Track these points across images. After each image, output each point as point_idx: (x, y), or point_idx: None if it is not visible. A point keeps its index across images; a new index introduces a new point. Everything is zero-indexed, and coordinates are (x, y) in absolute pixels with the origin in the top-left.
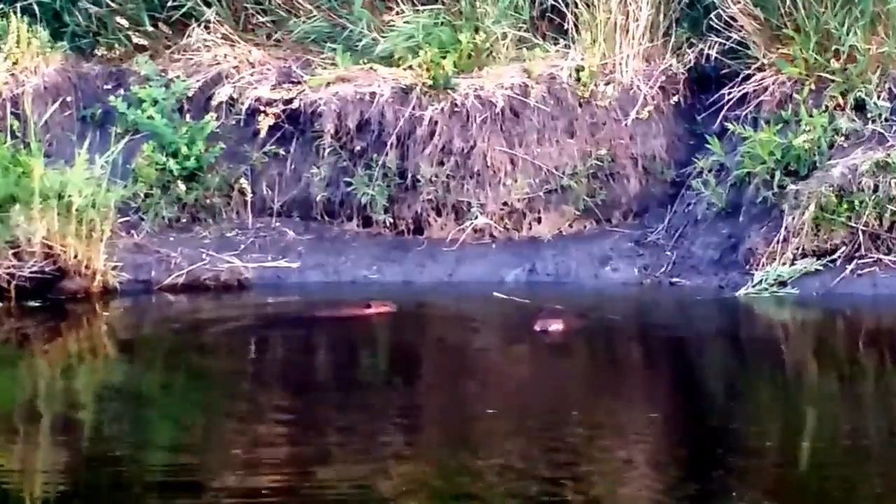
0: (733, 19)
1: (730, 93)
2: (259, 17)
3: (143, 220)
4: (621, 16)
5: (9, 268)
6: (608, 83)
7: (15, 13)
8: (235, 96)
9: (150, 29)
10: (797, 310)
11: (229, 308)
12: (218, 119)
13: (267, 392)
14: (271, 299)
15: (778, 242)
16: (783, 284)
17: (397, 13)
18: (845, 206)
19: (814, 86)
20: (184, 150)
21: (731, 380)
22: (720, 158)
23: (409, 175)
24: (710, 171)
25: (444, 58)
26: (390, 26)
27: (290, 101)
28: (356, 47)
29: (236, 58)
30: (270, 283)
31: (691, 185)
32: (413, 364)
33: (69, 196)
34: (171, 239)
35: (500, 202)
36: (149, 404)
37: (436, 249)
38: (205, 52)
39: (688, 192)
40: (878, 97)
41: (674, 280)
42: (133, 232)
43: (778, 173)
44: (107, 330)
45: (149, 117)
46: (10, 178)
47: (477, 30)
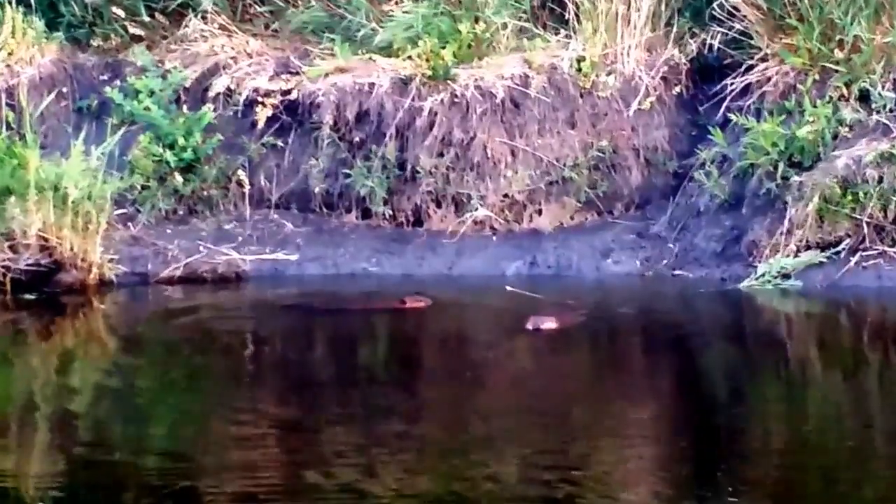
0: (736, 9)
1: (733, 83)
2: (256, 6)
3: (139, 212)
4: (623, 5)
5: (4, 260)
6: (610, 73)
7: (10, 3)
8: (233, 87)
9: (146, 19)
10: (801, 302)
11: (248, 301)
12: (215, 110)
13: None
14: (273, 291)
15: (781, 234)
16: (787, 277)
17: (396, 3)
18: (849, 197)
19: (817, 76)
20: (181, 141)
21: (736, 377)
22: (723, 149)
23: (409, 166)
24: (712, 162)
25: (443, 48)
26: (389, 16)
27: (288, 91)
28: (355, 38)
29: (234, 48)
30: (268, 276)
31: (694, 177)
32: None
33: (65, 188)
34: (168, 231)
35: (501, 194)
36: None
37: (436, 242)
38: (202, 42)
39: (690, 184)
40: (883, 87)
41: (676, 272)
42: (129, 224)
43: (781, 164)
44: (104, 323)
45: (145, 108)
46: (5, 170)
47: (477, 20)
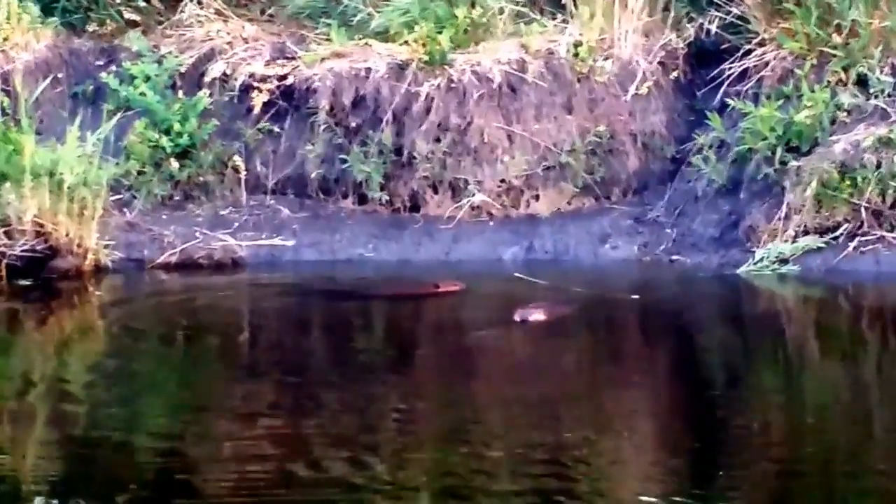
0: None
1: (730, 68)
2: None
3: (135, 197)
4: None
5: (0, 246)
6: (607, 58)
7: None
8: (229, 72)
9: (142, 4)
10: (799, 287)
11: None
12: (211, 95)
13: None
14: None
15: (779, 219)
16: (784, 262)
17: None
18: (848, 182)
19: (815, 61)
20: (176, 126)
21: (734, 365)
22: (721, 135)
23: (405, 152)
24: (710, 147)
25: (440, 33)
26: (385, 1)
27: (284, 77)
28: (351, 23)
29: (229, 33)
30: (265, 262)
31: (691, 162)
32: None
33: (60, 174)
34: (164, 217)
35: (498, 179)
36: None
37: (432, 227)
38: (197, 27)
39: (688, 169)
40: (881, 72)
41: (674, 258)
42: (125, 210)
43: (779, 149)
44: (99, 309)
45: (141, 94)
46: (0, 156)
47: (473, 4)
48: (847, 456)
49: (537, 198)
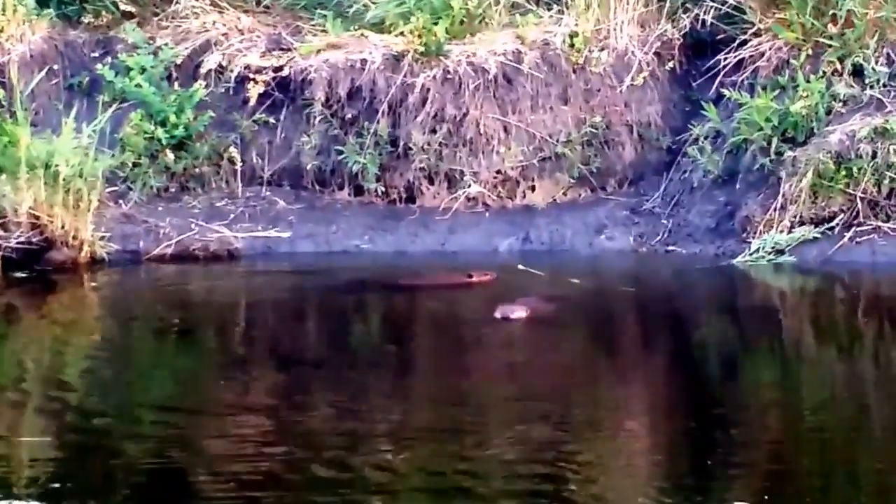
0: None
1: (726, 58)
2: None
3: (131, 189)
4: None
5: None
6: (602, 49)
7: None
8: (224, 64)
9: None
10: (795, 278)
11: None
12: (207, 87)
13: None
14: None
15: (775, 210)
16: (780, 252)
17: None
18: (843, 172)
19: (811, 51)
20: (172, 118)
21: (731, 360)
22: (716, 125)
23: (401, 143)
24: (706, 138)
25: (435, 24)
26: None
27: (279, 68)
28: (347, 13)
29: (225, 24)
30: (260, 253)
31: (687, 153)
32: None
33: (56, 166)
34: (160, 209)
35: (494, 170)
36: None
37: (428, 218)
38: (193, 18)
39: (683, 160)
40: (876, 62)
41: (669, 248)
42: (121, 202)
43: (775, 140)
44: (95, 300)
45: (136, 85)
46: None
47: None
48: (843, 446)
49: (533, 189)
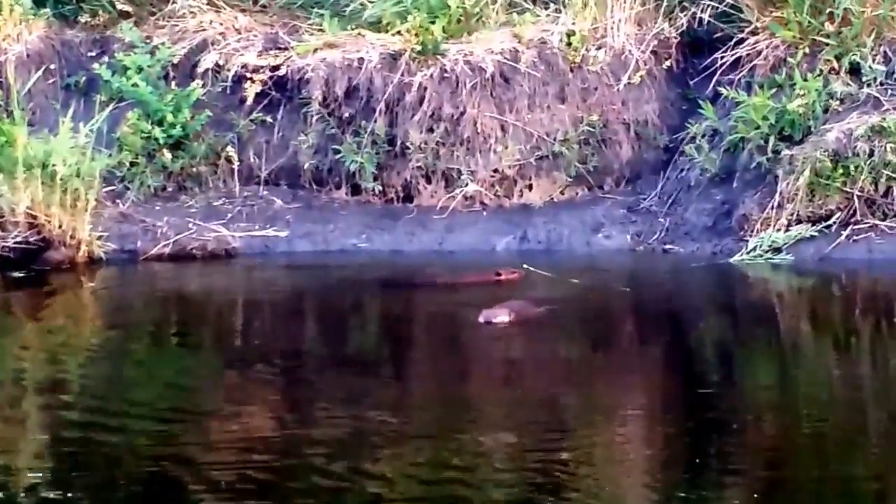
0: None
1: (723, 57)
2: None
3: (128, 189)
4: None
5: None
6: (599, 48)
7: None
8: (221, 63)
9: None
10: (792, 276)
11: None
12: (204, 86)
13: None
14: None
15: (772, 208)
16: (778, 251)
17: None
18: (840, 171)
19: (808, 49)
20: (169, 117)
21: (728, 358)
22: (713, 124)
23: (398, 142)
24: (703, 136)
25: (433, 23)
26: None
27: (276, 67)
28: (344, 13)
29: (222, 24)
30: (258, 253)
31: (684, 151)
32: None
33: (53, 165)
34: (157, 208)
35: (491, 169)
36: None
37: (426, 217)
38: (190, 18)
39: (681, 158)
40: (873, 60)
41: (667, 247)
42: (118, 201)
43: (772, 138)
44: (93, 300)
45: (133, 85)
46: None
47: None
48: (840, 440)
49: (530, 187)
